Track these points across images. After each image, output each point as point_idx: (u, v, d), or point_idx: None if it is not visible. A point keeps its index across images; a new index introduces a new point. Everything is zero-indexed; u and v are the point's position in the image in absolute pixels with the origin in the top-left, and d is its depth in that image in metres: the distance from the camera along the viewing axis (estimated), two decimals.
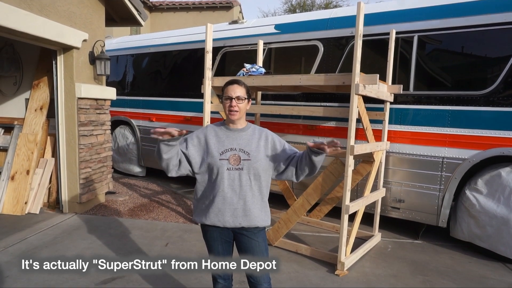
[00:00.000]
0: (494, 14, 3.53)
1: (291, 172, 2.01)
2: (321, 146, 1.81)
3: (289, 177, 2.03)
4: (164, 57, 6.25)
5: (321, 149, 1.83)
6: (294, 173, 2.01)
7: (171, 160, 1.90)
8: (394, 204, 4.16)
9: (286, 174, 2.02)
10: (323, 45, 4.51)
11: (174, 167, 1.95)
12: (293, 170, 2.00)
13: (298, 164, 1.97)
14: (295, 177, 2.03)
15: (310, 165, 1.92)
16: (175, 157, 1.91)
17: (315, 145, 1.82)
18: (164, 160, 1.89)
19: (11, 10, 3.41)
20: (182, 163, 1.96)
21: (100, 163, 4.94)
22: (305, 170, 1.96)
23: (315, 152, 1.85)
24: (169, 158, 1.89)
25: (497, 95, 3.53)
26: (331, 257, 3.41)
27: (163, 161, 1.90)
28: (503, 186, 3.45)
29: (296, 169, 1.99)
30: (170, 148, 1.85)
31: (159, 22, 14.32)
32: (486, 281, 3.20)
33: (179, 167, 1.96)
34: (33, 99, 4.86)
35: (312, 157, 1.87)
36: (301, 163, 1.95)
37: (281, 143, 2.03)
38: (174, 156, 1.90)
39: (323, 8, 18.78)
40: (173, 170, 1.96)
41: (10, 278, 2.95)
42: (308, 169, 1.95)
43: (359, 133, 4.13)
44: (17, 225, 4.11)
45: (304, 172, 1.98)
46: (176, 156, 1.91)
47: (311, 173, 1.98)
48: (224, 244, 2.04)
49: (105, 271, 3.08)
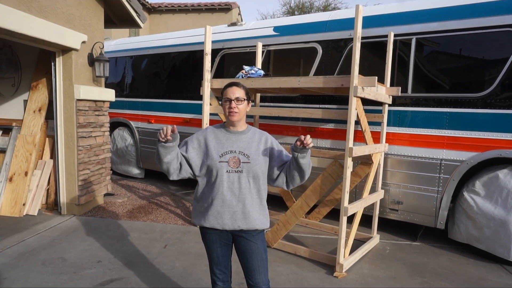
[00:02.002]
0: (491, 17, 3.56)
1: (282, 180, 2.01)
2: (297, 143, 1.82)
3: (280, 184, 2.03)
4: (163, 59, 6.26)
5: (300, 145, 1.82)
6: (285, 181, 2.01)
7: (171, 163, 1.91)
8: (392, 206, 4.17)
9: (278, 181, 2.03)
10: (322, 47, 4.52)
11: (175, 170, 1.95)
12: (283, 178, 2.00)
13: (288, 171, 1.97)
14: (285, 185, 2.02)
15: (298, 168, 1.91)
16: (175, 161, 1.92)
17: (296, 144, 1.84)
18: (164, 163, 1.90)
19: (10, 12, 3.42)
20: (183, 166, 1.97)
21: (99, 164, 4.94)
22: (294, 175, 1.94)
23: (298, 150, 1.85)
24: (169, 162, 1.90)
25: (495, 97, 3.55)
26: (329, 259, 3.41)
27: (163, 164, 1.91)
28: (501, 187, 3.47)
29: (286, 176, 1.99)
30: (168, 150, 1.85)
31: (158, 24, 14.34)
32: (484, 282, 3.21)
33: (180, 171, 1.97)
34: (31, 101, 4.86)
35: (298, 159, 1.86)
36: (290, 169, 1.95)
37: (279, 149, 2.03)
38: (174, 159, 1.91)
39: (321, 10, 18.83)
40: (174, 174, 1.96)
41: (8, 280, 2.94)
42: (297, 174, 1.93)
43: (358, 135, 4.14)
44: (15, 227, 4.10)
45: (293, 178, 1.96)
46: (176, 160, 1.92)
47: (300, 178, 1.95)
48: (223, 246, 2.04)
49: (103, 273, 3.10)
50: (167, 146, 1.84)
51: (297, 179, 1.97)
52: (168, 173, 1.96)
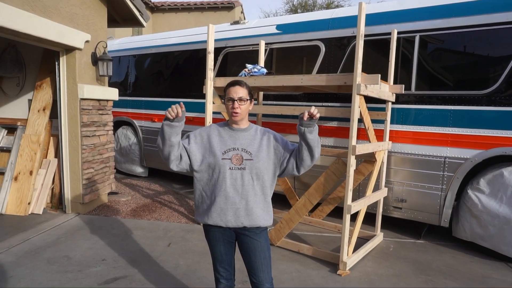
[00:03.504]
0: (496, 13, 3.53)
1: (292, 166, 2.00)
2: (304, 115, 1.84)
3: (290, 171, 2.02)
4: (166, 58, 6.27)
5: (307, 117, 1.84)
6: (295, 165, 2.00)
7: (174, 148, 1.91)
8: (396, 204, 4.16)
9: (288, 169, 2.02)
10: (325, 45, 4.51)
11: (176, 158, 1.95)
12: (293, 163, 2.00)
13: (297, 154, 1.98)
14: (296, 169, 2.01)
15: (306, 146, 1.91)
16: (177, 147, 1.92)
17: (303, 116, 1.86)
18: (167, 145, 1.89)
19: (14, 12, 3.44)
20: (183, 157, 1.97)
21: (103, 163, 4.96)
22: (303, 156, 1.94)
23: (304, 124, 1.86)
24: (172, 145, 1.89)
25: (499, 94, 3.52)
26: (333, 257, 3.41)
27: (166, 147, 1.90)
28: (506, 185, 3.45)
29: (296, 160, 1.99)
30: (174, 130, 1.86)
31: (161, 22, 14.36)
32: (489, 280, 3.20)
33: (180, 161, 1.97)
34: (36, 100, 4.89)
35: (306, 134, 1.87)
36: (299, 151, 1.95)
37: (283, 141, 2.04)
38: (176, 145, 1.91)
39: (324, 8, 18.78)
40: (174, 162, 1.96)
41: (14, 278, 2.97)
42: (306, 153, 1.93)
43: (361, 133, 4.13)
44: (20, 226, 4.13)
45: (303, 160, 1.95)
46: (177, 146, 1.92)
47: (311, 157, 1.94)
48: (226, 244, 2.05)
49: (108, 271, 3.12)
50: (174, 125, 1.84)
51: (307, 160, 1.95)
52: (168, 159, 1.94)
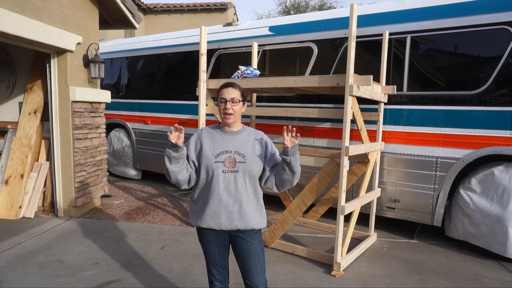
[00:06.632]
0: (486, 14, 3.57)
1: (271, 183, 2.00)
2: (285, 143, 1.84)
3: (269, 186, 2.02)
4: (158, 60, 6.24)
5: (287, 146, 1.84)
6: (274, 183, 2.00)
7: (180, 173, 1.91)
8: (389, 204, 4.18)
9: (267, 184, 2.02)
10: (317, 46, 4.53)
11: (185, 179, 1.95)
12: (273, 181, 1.99)
13: (277, 174, 1.96)
14: (276, 188, 2.01)
15: (290, 170, 1.89)
16: (185, 171, 1.93)
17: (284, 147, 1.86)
18: (172, 173, 1.90)
19: (4, 14, 3.40)
20: (191, 175, 1.98)
21: (95, 166, 4.92)
22: (286, 178, 1.92)
23: (287, 153, 1.85)
24: (179, 171, 1.90)
25: (490, 94, 3.57)
26: (327, 258, 3.42)
27: (172, 178, 1.92)
28: (496, 184, 3.49)
29: (275, 178, 1.98)
30: (174, 158, 1.86)
31: (154, 24, 14.31)
32: (481, 279, 3.23)
33: (189, 180, 1.98)
34: (26, 103, 4.84)
35: (291, 162, 1.86)
36: (280, 174, 1.93)
37: (272, 149, 2.03)
38: (183, 169, 1.91)
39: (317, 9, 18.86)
40: (184, 183, 1.97)
41: (5, 283, 2.92)
42: (289, 176, 1.91)
43: (354, 134, 4.15)
44: (11, 230, 4.08)
45: (285, 181, 1.94)
46: (186, 170, 1.93)
47: (293, 177, 1.92)
48: (220, 247, 2.04)
49: (101, 275, 3.09)
50: (173, 157, 1.86)
51: (290, 181, 1.94)
52: (180, 183, 1.96)
